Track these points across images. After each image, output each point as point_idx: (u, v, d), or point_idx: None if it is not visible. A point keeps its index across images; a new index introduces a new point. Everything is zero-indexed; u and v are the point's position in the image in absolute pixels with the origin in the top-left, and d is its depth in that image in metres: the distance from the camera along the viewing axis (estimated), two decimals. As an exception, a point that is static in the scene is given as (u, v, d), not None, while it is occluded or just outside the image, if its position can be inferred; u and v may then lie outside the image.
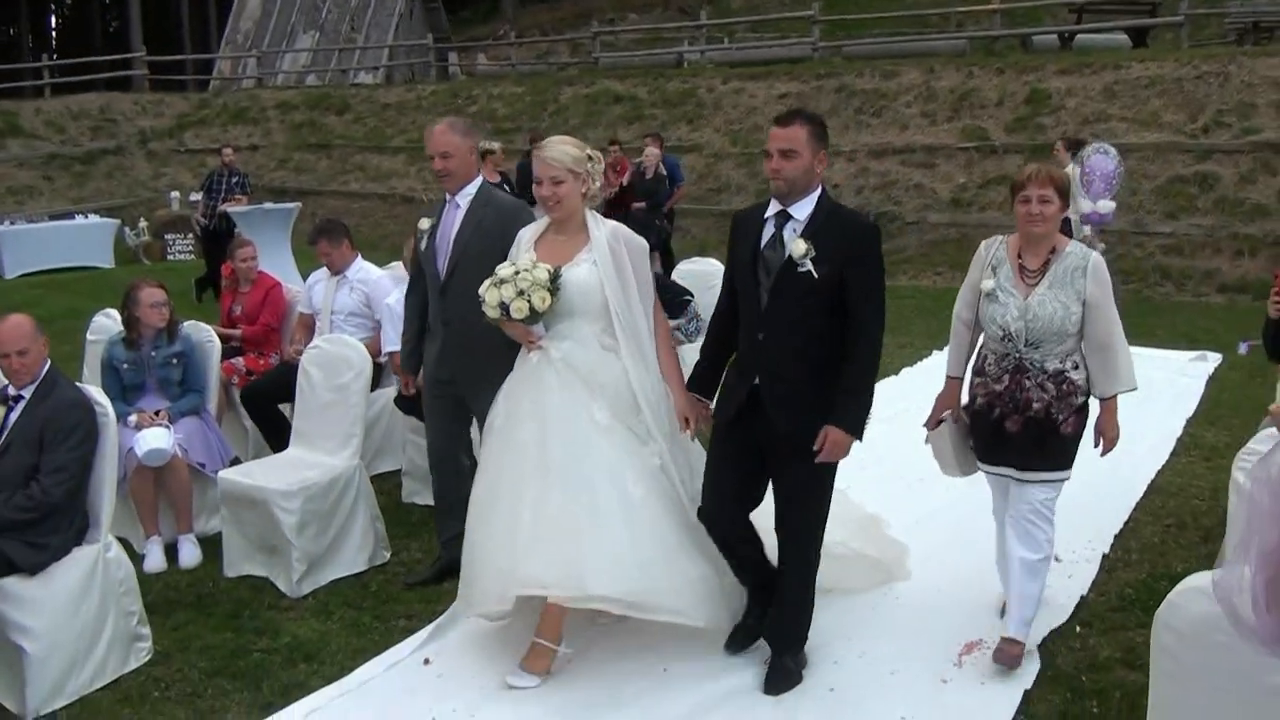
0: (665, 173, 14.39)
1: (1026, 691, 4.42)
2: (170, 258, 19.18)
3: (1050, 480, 4.55)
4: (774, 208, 4.34)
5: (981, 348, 4.71)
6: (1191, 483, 6.73)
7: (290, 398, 6.42)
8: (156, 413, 6.13)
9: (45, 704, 4.49)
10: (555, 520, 4.37)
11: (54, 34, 54.06)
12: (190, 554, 5.95)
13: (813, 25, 22.00)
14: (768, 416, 4.32)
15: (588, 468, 4.45)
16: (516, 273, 4.49)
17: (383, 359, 6.91)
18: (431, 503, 5.89)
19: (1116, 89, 16.40)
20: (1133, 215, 14.60)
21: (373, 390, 6.51)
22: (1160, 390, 8.66)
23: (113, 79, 27.68)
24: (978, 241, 4.86)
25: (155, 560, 5.86)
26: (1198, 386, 8.98)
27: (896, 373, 9.53)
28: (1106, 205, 12.85)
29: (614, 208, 14.02)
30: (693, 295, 6.90)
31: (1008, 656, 4.52)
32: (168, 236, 19.51)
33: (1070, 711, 4.30)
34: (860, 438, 4.29)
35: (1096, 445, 4.59)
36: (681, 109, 20.61)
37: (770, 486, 4.51)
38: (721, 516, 4.51)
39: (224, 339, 7.16)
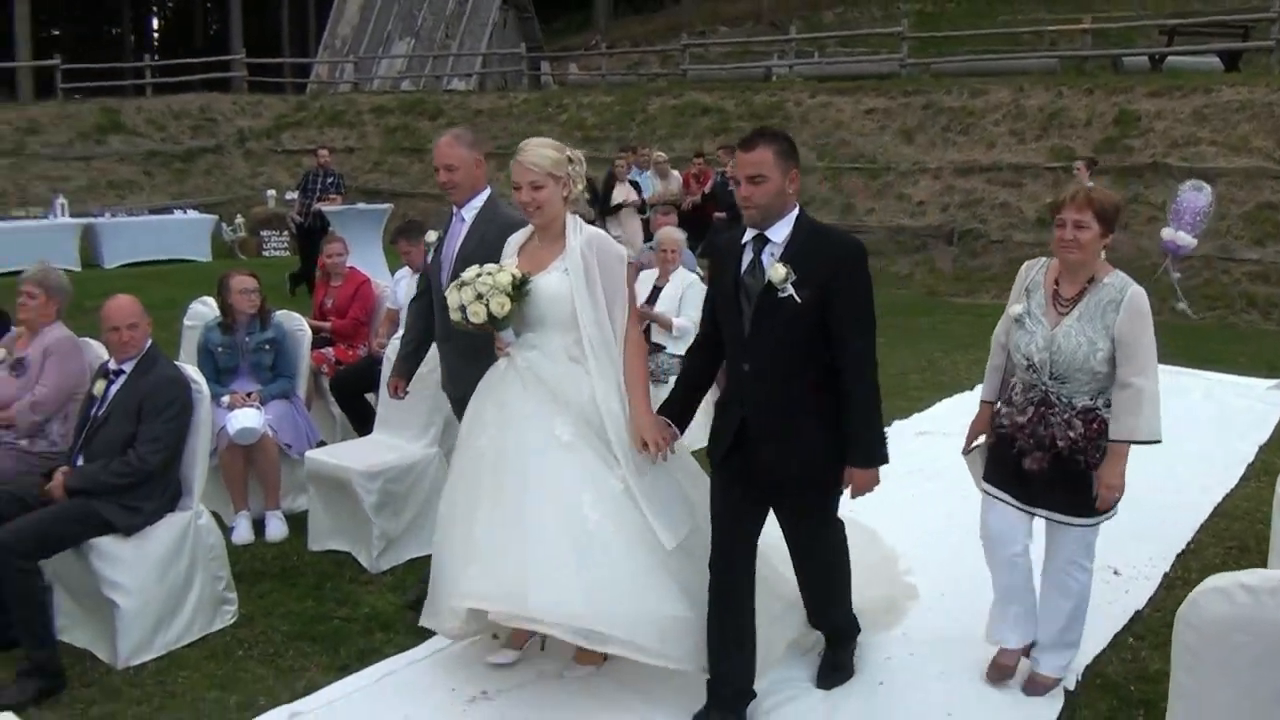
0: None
1: (1071, 697, 4.47)
2: (265, 253, 19.73)
3: (1083, 526, 4.33)
4: (751, 232, 4.09)
5: (1012, 375, 4.48)
6: (1259, 508, 6.69)
7: (375, 388, 6.72)
8: (248, 395, 6.45)
9: (135, 656, 4.80)
10: (503, 535, 4.20)
11: (156, 35, 55.65)
12: (277, 528, 6.26)
13: (901, 42, 22.03)
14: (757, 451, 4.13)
15: (542, 483, 4.22)
16: (479, 276, 4.33)
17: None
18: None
19: (1206, 112, 16.24)
20: (1219, 241, 14.46)
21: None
22: (1236, 416, 8.77)
23: (212, 80, 28.50)
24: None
25: (243, 533, 6.17)
26: (1274, 414, 8.93)
27: (971, 388, 9.59)
28: (1185, 239, 12.87)
29: (696, 217, 14.26)
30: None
31: (1039, 686, 4.49)
32: (263, 233, 20.09)
33: (1116, 719, 4.35)
34: (884, 462, 4.11)
35: (1094, 494, 4.24)
36: (768, 122, 20.64)
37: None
38: (726, 574, 4.20)
39: (315, 330, 7.50)
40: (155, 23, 56.91)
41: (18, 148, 22.31)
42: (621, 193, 14.26)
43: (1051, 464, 4.25)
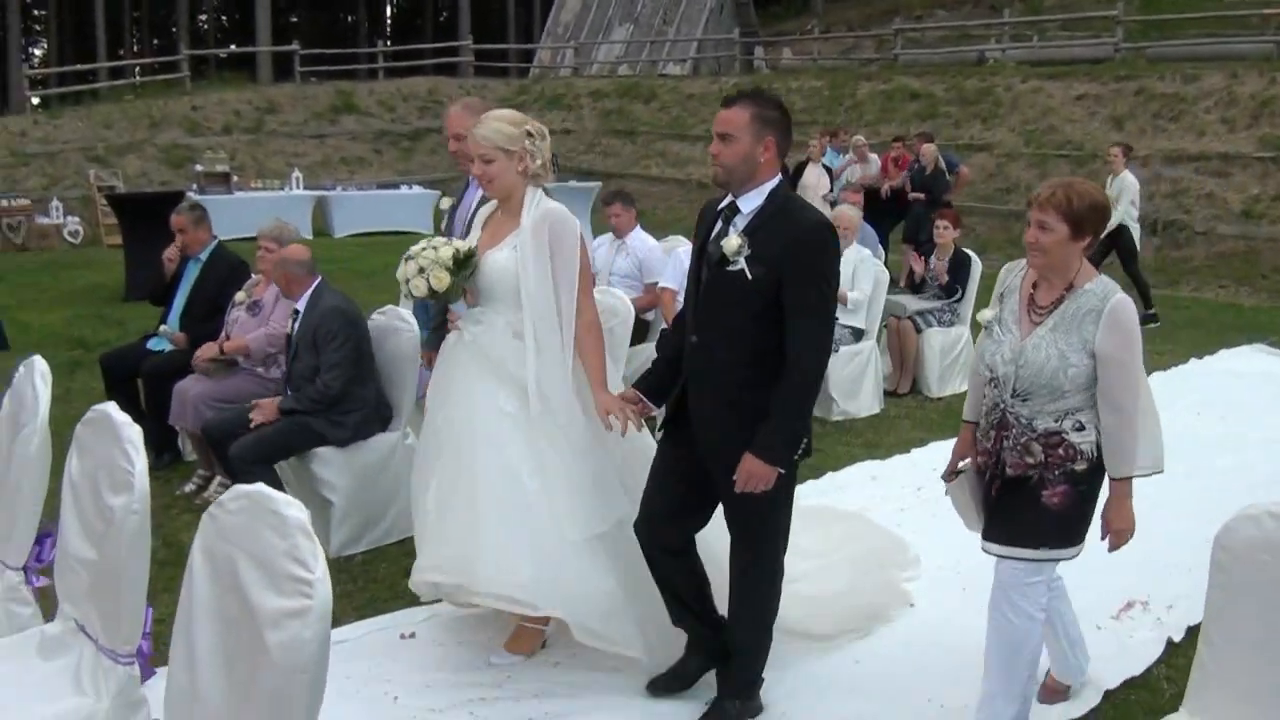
0: (944, 167, 14.73)
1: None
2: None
3: (1016, 559, 3.70)
4: (727, 199, 3.88)
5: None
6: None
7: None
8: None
9: (345, 549, 5.65)
10: (453, 504, 4.18)
11: (389, 22, 58.48)
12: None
13: (1116, 25, 21.60)
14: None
15: (488, 453, 4.16)
16: (423, 250, 4.29)
17: (648, 315, 7.93)
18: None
19: None
20: None
21: (633, 345, 7.44)
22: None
23: (440, 65, 30.14)
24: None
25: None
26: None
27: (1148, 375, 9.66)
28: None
29: (894, 202, 14.57)
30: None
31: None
32: (482, 209, 21.34)
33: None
34: (786, 468, 3.75)
35: (1104, 538, 3.81)
36: (977, 107, 20.73)
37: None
38: (650, 537, 4.02)
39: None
40: (388, 10, 59.81)
41: (257, 126, 24.25)
42: (813, 175, 14.64)
43: (1002, 491, 3.79)
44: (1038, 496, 3.68)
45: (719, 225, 3.85)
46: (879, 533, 5.56)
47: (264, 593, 2.14)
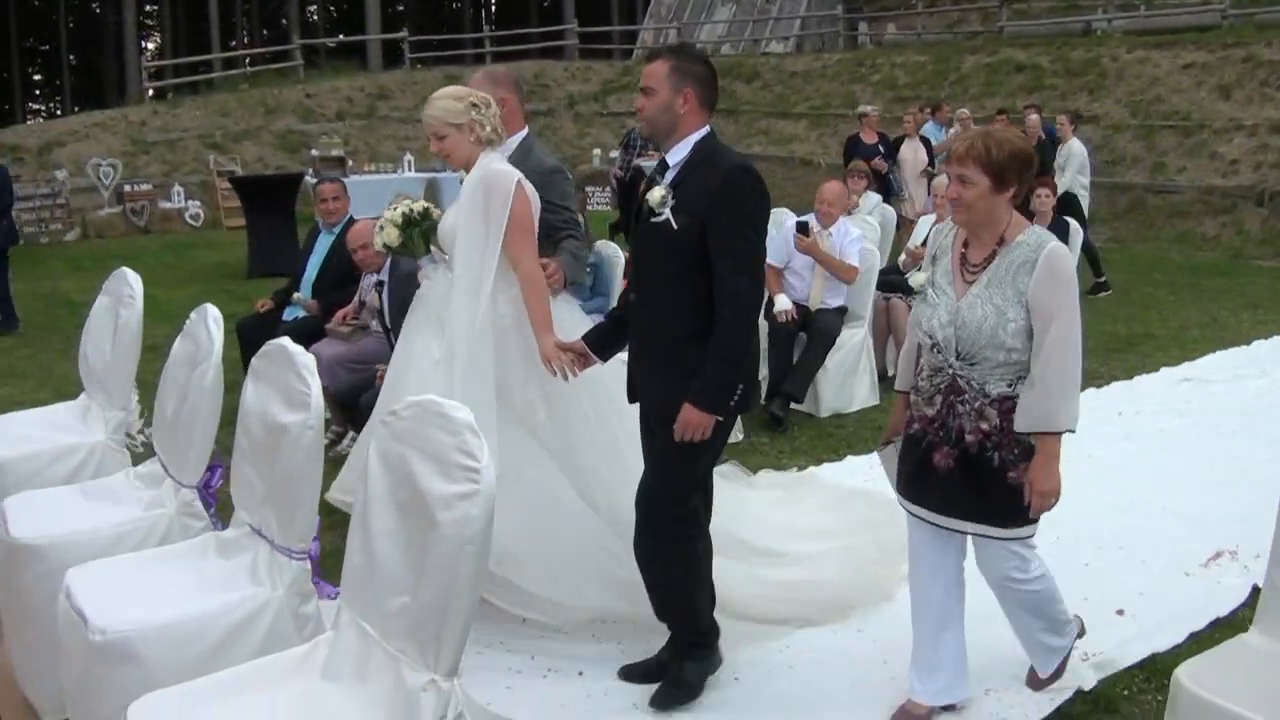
0: (1046, 139, 14.69)
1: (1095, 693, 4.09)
2: (590, 207, 21.35)
3: (1007, 539, 3.64)
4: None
5: (920, 359, 3.82)
6: None
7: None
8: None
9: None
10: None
11: (493, 7, 59.23)
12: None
13: (1225, -10, 21.20)
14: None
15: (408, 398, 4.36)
16: (393, 208, 4.78)
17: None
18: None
19: None
20: None
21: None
22: None
23: (546, 48, 30.60)
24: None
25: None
26: None
27: (1248, 343, 9.67)
28: None
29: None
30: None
31: (1035, 683, 4.05)
32: (588, 189, 21.67)
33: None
34: (723, 415, 3.74)
35: (1025, 502, 3.56)
36: (1083, 79, 20.51)
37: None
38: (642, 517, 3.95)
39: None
40: (494, -5, 60.59)
41: (369, 111, 24.95)
42: (909, 150, 14.70)
43: (959, 462, 3.60)
44: (1003, 478, 3.54)
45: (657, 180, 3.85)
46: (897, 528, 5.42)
47: (435, 480, 2.50)
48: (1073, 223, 9.57)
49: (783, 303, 7.63)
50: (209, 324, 3.89)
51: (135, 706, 2.69)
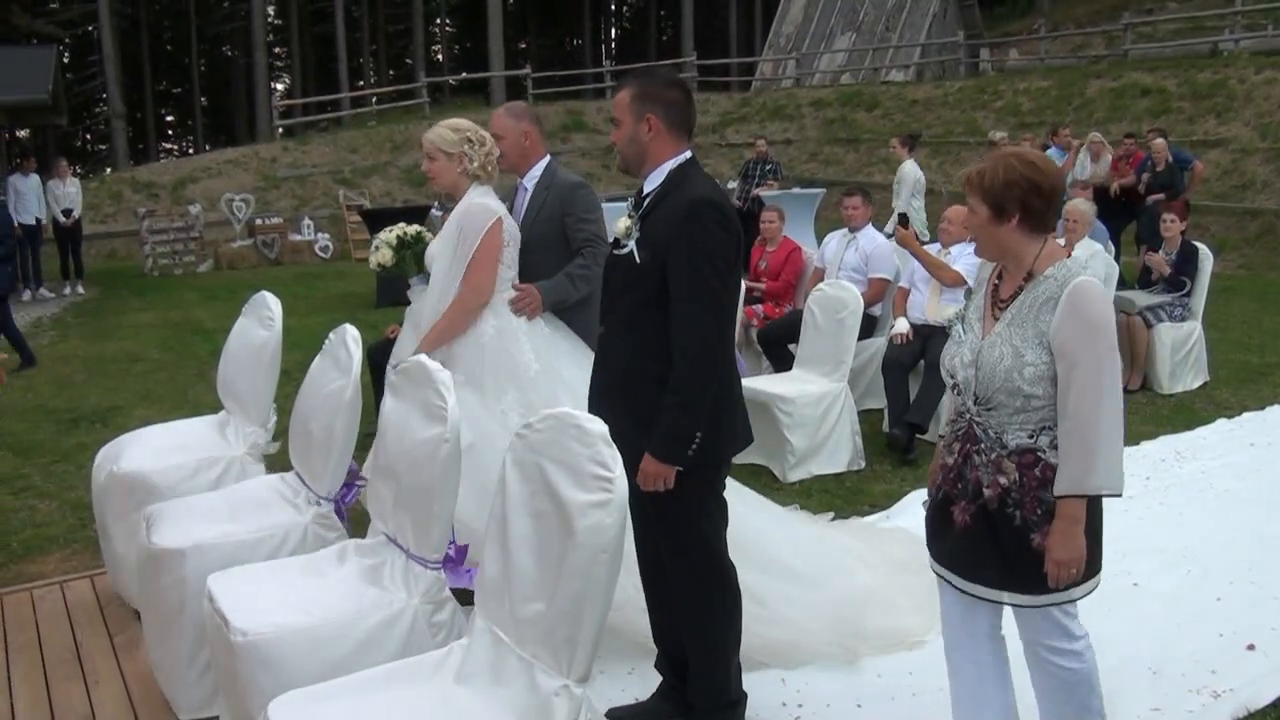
0: (1174, 163, 14.36)
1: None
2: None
3: (1040, 606, 3.17)
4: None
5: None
6: None
7: (797, 338, 7.78)
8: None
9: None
10: None
11: (613, 43, 60.08)
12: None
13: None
14: None
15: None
16: (388, 231, 5.30)
17: (874, 310, 8.17)
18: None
19: None
20: None
21: (863, 339, 7.72)
22: None
23: (666, 81, 30.95)
24: None
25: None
26: None
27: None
28: None
29: (1125, 199, 14.30)
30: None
31: None
32: (706, 218, 21.85)
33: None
34: (681, 464, 3.43)
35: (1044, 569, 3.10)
36: (1210, 101, 20.06)
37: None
38: (648, 558, 3.80)
39: (749, 290, 8.70)
40: (614, 31, 61.48)
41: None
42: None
43: (977, 518, 3.19)
44: (1028, 541, 3.10)
45: (629, 209, 3.65)
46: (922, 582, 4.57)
47: (571, 490, 2.58)
48: (1202, 248, 9.33)
49: (900, 325, 7.60)
50: (348, 343, 4.03)
51: (275, 704, 2.78)
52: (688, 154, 3.63)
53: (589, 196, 5.21)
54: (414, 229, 5.31)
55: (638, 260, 3.47)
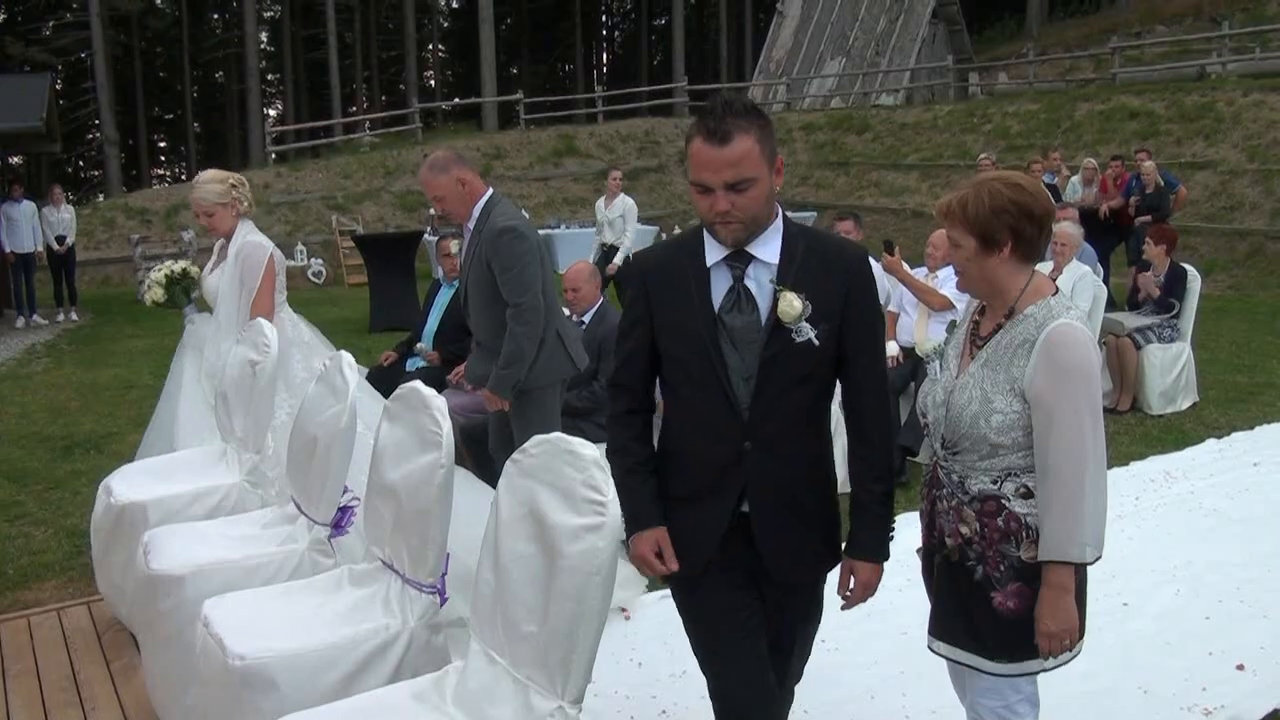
0: (1164, 185, 14.48)
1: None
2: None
3: (995, 675, 2.88)
4: (719, 250, 2.85)
5: None
6: None
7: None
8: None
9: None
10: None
11: (605, 69, 60.39)
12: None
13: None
14: (756, 551, 2.92)
15: (180, 417, 5.66)
16: (160, 269, 6.19)
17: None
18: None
19: None
20: None
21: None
22: None
23: (656, 106, 31.19)
24: None
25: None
26: None
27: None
28: None
29: (1113, 221, 14.40)
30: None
31: None
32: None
33: None
34: (888, 557, 2.99)
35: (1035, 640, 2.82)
36: (1198, 124, 20.21)
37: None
38: (761, 702, 2.97)
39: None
40: (605, 57, 61.83)
41: (485, 170, 25.46)
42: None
43: (941, 570, 2.96)
44: (987, 598, 2.83)
45: (722, 284, 2.86)
46: None
47: (564, 514, 2.61)
48: (1190, 270, 9.40)
49: (890, 348, 7.59)
50: (344, 369, 4.06)
51: (272, 729, 2.81)
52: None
53: (511, 245, 4.97)
54: (179, 266, 6.19)
55: (817, 343, 2.80)
